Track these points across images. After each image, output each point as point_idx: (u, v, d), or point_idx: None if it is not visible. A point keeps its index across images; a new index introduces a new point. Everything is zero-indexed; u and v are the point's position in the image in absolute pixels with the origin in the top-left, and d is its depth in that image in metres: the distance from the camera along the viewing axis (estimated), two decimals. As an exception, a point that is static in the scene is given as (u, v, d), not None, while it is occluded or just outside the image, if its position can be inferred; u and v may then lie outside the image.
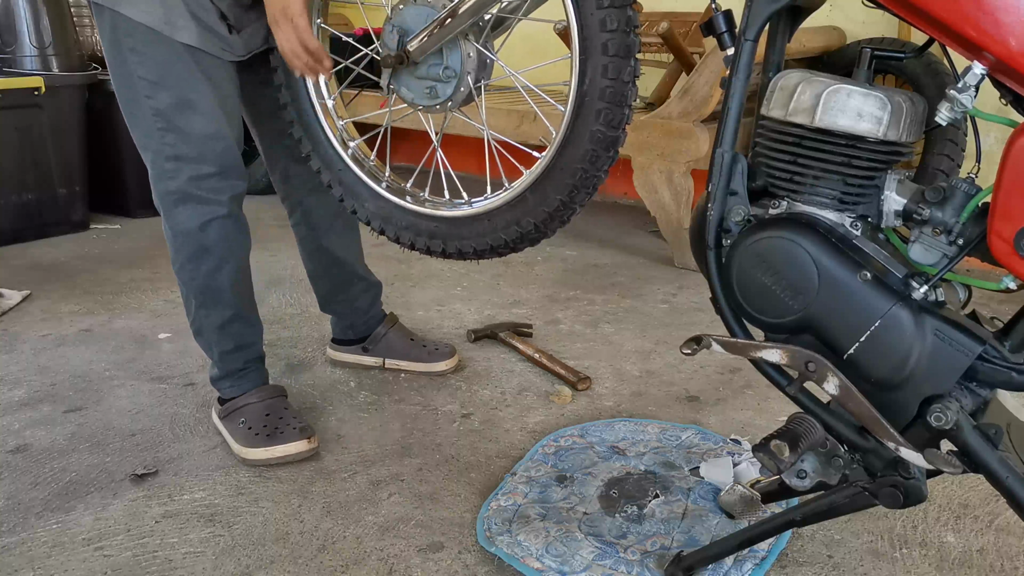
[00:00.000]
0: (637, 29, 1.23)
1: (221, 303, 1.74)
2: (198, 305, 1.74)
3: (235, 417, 1.77)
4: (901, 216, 1.04)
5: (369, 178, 1.56)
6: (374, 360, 2.13)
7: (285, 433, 1.72)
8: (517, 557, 1.38)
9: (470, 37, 1.35)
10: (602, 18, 1.21)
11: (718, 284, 1.11)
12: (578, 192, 1.32)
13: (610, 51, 1.21)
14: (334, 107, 1.59)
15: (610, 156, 1.29)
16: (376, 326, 2.12)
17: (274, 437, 1.71)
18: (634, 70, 1.24)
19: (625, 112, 1.25)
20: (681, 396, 2.00)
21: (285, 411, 1.78)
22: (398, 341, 2.13)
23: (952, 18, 0.91)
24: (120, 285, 2.70)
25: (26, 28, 3.24)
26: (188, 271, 1.71)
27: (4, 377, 2.08)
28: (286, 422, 1.75)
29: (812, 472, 1.11)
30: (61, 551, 1.44)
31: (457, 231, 1.47)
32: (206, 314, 1.75)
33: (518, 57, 1.71)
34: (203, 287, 1.72)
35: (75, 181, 3.30)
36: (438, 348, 2.14)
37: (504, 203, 1.40)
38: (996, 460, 0.99)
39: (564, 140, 1.29)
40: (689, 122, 2.76)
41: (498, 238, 1.42)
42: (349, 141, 1.58)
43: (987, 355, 0.98)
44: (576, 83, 1.25)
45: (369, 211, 1.57)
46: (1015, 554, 1.43)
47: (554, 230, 1.40)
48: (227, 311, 1.75)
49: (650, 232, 3.33)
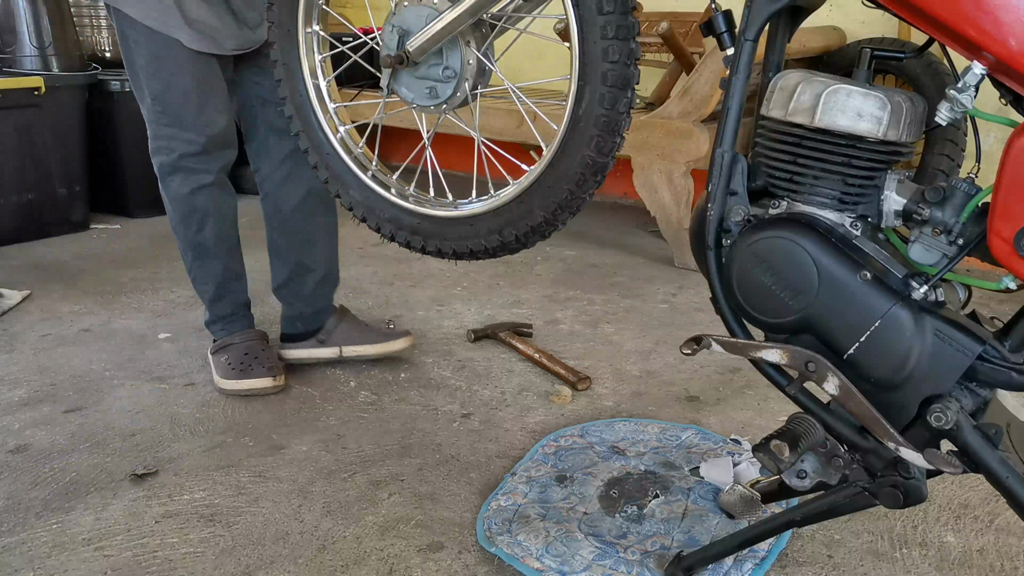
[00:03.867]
0: (638, 61, 1.24)
1: (210, 255, 2.00)
2: (192, 258, 2.01)
3: (221, 354, 2.04)
4: (901, 216, 1.04)
5: (356, 165, 1.56)
6: (331, 351, 2.12)
7: (255, 370, 1.98)
8: (517, 557, 1.38)
9: (471, 44, 1.35)
10: (604, 48, 1.21)
11: (718, 284, 1.11)
12: (562, 211, 1.34)
13: (608, 81, 1.22)
14: (328, 90, 1.58)
15: (597, 181, 1.31)
16: (326, 318, 2.14)
17: (246, 372, 1.98)
18: (630, 101, 1.25)
19: (617, 140, 1.26)
20: (681, 396, 2.00)
21: (261, 352, 2.03)
22: (352, 329, 2.14)
23: (952, 18, 0.91)
24: (120, 285, 2.70)
25: (26, 28, 3.24)
26: (181, 230, 1.99)
27: (4, 377, 2.08)
28: (260, 362, 2.00)
29: (812, 472, 1.11)
30: (61, 551, 1.44)
31: (439, 231, 1.48)
32: (200, 265, 2.02)
33: (517, 56, 1.71)
34: (195, 242, 1.99)
35: (75, 181, 3.30)
36: (392, 327, 2.17)
37: (489, 210, 1.40)
38: (996, 460, 0.99)
39: (554, 158, 1.30)
40: (689, 122, 2.76)
41: (478, 244, 1.42)
42: (340, 126, 1.58)
43: (987, 355, 0.98)
44: (572, 105, 1.26)
45: (353, 198, 1.57)
46: (1015, 554, 1.43)
47: (533, 243, 1.41)
48: (216, 263, 2.01)
49: (650, 232, 3.33)
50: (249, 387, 1.97)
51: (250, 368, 1.98)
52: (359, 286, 2.75)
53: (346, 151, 1.57)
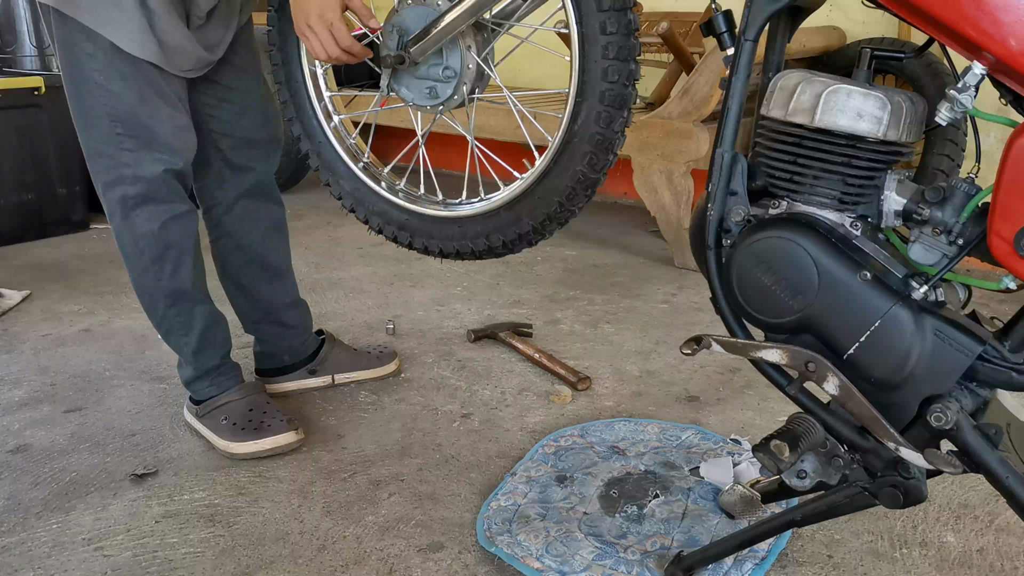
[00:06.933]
0: (636, 81, 1.24)
1: (189, 299, 1.72)
2: (167, 306, 1.71)
3: (216, 415, 1.76)
4: (901, 216, 1.04)
5: (348, 156, 1.56)
6: (322, 380, 2.02)
7: (272, 426, 1.73)
8: (517, 557, 1.38)
9: (471, 48, 1.36)
10: (605, 68, 1.22)
11: (718, 284, 1.11)
12: (550, 222, 1.34)
13: (606, 101, 1.23)
14: (324, 76, 1.58)
15: (587, 195, 1.31)
16: (318, 346, 2.03)
17: (261, 430, 1.72)
18: (625, 122, 1.25)
19: (610, 158, 1.27)
20: (681, 396, 2.00)
21: (268, 405, 1.79)
22: (344, 355, 2.05)
23: (952, 18, 0.91)
24: (120, 285, 2.70)
25: (26, 28, 3.25)
26: (153, 274, 1.67)
27: (4, 377, 2.08)
28: (271, 416, 1.75)
29: (812, 472, 1.11)
30: (61, 551, 1.44)
31: (426, 228, 1.48)
32: (176, 313, 1.72)
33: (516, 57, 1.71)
34: (171, 287, 1.69)
35: (75, 181, 3.30)
36: (382, 352, 2.10)
37: (477, 213, 1.41)
38: (996, 460, 0.99)
39: (546, 170, 1.31)
40: (689, 122, 2.76)
41: (465, 245, 1.43)
42: (334, 114, 1.58)
43: (987, 355, 0.98)
44: (568, 120, 1.26)
45: (343, 189, 1.57)
46: (1015, 554, 1.43)
47: (520, 250, 1.41)
48: (199, 308, 1.74)
49: (650, 232, 3.33)
50: (271, 447, 1.71)
51: (264, 425, 1.73)
52: (359, 286, 2.75)
53: (339, 140, 1.57)
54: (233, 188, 1.81)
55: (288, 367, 2.00)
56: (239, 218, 1.84)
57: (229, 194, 1.82)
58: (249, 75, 1.77)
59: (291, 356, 2.00)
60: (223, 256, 1.89)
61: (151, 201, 1.62)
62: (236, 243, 1.86)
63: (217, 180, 1.81)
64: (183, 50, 1.57)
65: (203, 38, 1.61)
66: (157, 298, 1.71)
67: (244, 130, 1.77)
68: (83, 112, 1.58)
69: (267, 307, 1.94)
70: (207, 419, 1.77)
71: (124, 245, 1.67)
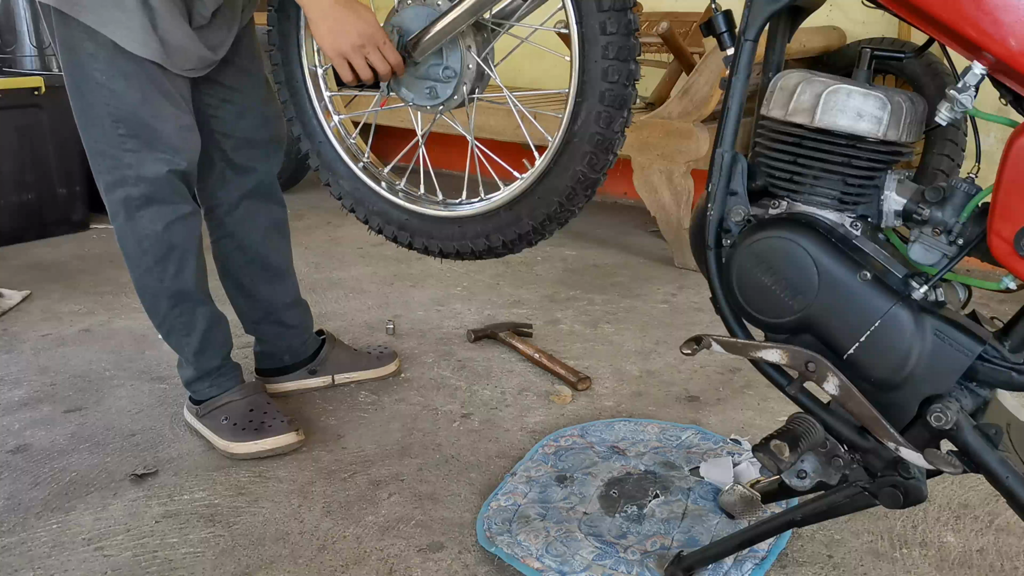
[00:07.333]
0: (636, 81, 1.24)
1: (192, 300, 1.72)
2: (170, 307, 1.71)
3: (216, 415, 1.76)
4: (901, 216, 1.04)
5: (348, 156, 1.56)
6: (322, 380, 2.02)
7: (273, 426, 1.73)
8: (517, 557, 1.38)
9: (472, 49, 1.36)
10: (605, 68, 1.22)
11: (718, 284, 1.11)
12: (550, 222, 1.35)
13: (606, 101, 1.23)
14: (324, 76, 1.58)
15: (587, 195, 1.31)
16: (318, 346, 2.03)
17: (262, 431, 1.72)
18: (625, 122, 1.25)
19: (610, 158, 1.27)
20: (681, 396, 2.00)
21: (268, 405, 1.78)
22: (344, 355, 2.05)
23: (952, 18, 0.91)
24: (120, 285, 2.70)
25: (26, 28, 3.25)
26: (156, 274, 1.67)
27: (4, 377, 2.08)
28: (271, 416, 1.75)
29: (812, 472, 1.11)
30: (61, 551, 1.44)
31: (426, 228, 1.48)
32: (178, 314, 1.72)
33: (516, 57, 1.71)
34: (174, 287, 1.69)
35: (75, 181, 3.30)
36: (382, 352, 2.10)
37: (477, 213, 1.41)
38: (996, 460, 0.99)
39: (546, 170, 1.31)
40: (689, 122, 2.76)
41: (465, 245, 1.43)
42: (334, 114, 1.58)
43: (987, 355, 0.98)
44: (568, 120, 1.26)
45: (343, 188, 1.57)
46: (1015, 554, 1.43)
47: (520, 250, 1.42)
48: (201, 308, 1.74)
49: (650, 232, 3.33)
50: (272, 447, 1.71)
51: (264, 425, 1.73)
52: (359, 286, 2.75)
53: (339, 140, 1.57)
54: (236, 188, 1.81)
55: (288, 367, 2.00)
56: (241, 218, 1.84)
57: (232, 194, 1.82)
58: (251, 76, 1.77)
59: (291, 356, 2.00)
60: (224, 256, 1.89)
61: (155, 202, 1.61)
62: (237, 243, 1.86)
63: (220, 180, 1.80)
64: (185, 49, 1.57)
65: (206, 38, 1.60)
66: (159, 299, 1.71)
67: (245, 130, 1.77)
68: (85, 112, 1.58)
69: (267, 307, 1.93)
70: (207, 419, 1.77)
71: (127, 245, 1.67)
